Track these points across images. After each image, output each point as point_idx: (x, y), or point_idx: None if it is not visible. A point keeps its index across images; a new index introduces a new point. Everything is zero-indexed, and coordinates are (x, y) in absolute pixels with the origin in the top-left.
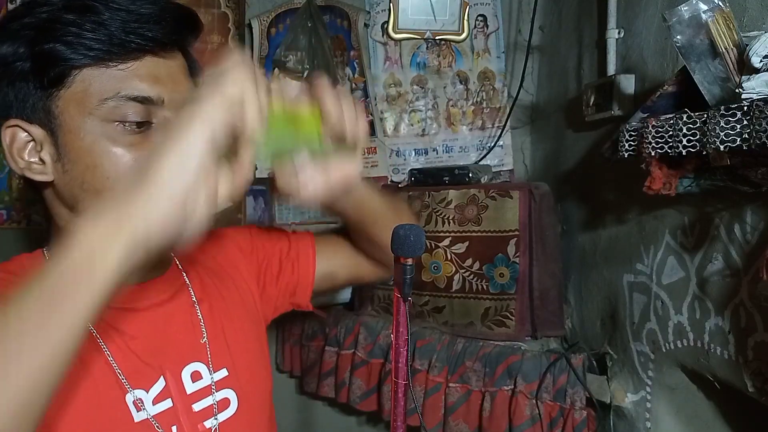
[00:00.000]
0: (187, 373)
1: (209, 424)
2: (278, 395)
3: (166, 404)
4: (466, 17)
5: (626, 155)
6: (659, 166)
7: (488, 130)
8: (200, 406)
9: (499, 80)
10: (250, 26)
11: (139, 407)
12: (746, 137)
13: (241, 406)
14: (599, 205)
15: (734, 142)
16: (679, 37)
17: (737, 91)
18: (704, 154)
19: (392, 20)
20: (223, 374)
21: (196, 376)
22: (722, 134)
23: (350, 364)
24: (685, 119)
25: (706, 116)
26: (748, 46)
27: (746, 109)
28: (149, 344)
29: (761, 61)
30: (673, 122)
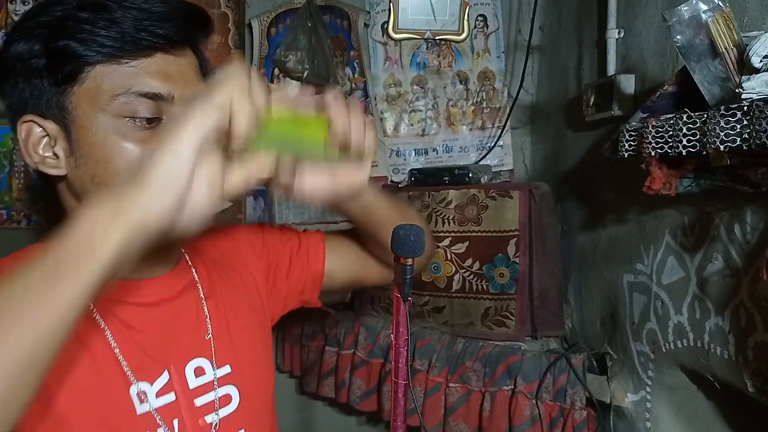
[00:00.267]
0: (190, 368)
1: (210, 419)
2: (278, 395)
3: (169, 398)
4: (466, 17)
5: (626, 155)
6: (659, 166)
7: (488, 130)
8: (202, 401)
9: (499, 80)
10: (250, 26)
11: (142, 399)
12: (746, 137)
13: (242, 402)
14: (599, 205)
15: (734, 142)
16: (679, 37)
17: (737, 91)
18: (704, 154)
19: (392, 20)
20: (226, 370)
21: (199, 371)
22: (722, 134)
23: (350, 364)
24: (685, 119)
25: (706, 116)
26: (748, 46)
27: (746, 109)
28: (155, 339)
29: (761, 61)
30: (673, 122)
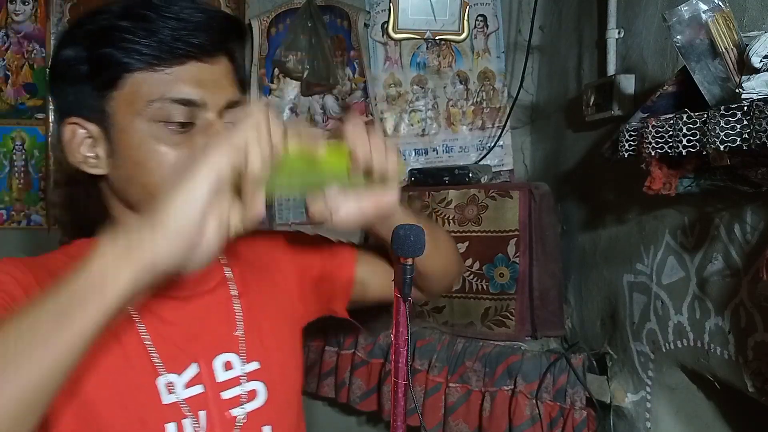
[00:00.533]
0: (219, 361)
1: (236, 412)
2: None
3: (197, 389)
4: (466, 17)
5: (626, 155)
6: (659, 166)
7: (488, 130)
8: (229, 394)
9: (499, 80)
10: (250, 26)
11: (170, 390)
12: (746, 137)
13: (269, 398)
14: (599, 205)
15: (734, 142)
16: (679, 37)
17: (737, 91)
18: (704, 154)
19: (392, 20)
20: (254, 366)
21: (227, 365)
22: (722, 134)
23: (350, 364)
24: (685, 119)
25: (706, 116)
26: (748, 46)
27: (746, 109)
28: (185, 331)
29: (761, 61)
30: (673, 122)
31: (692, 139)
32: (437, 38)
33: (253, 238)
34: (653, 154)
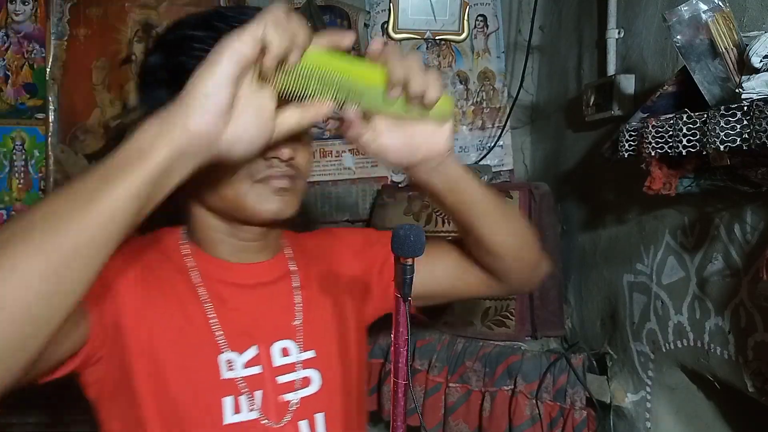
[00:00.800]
0: (277, 347)
1: (289, 397)
2: None
3: (256, 370)
4: (466, 17)
5: (626, 155)
6: (659, 166)
7: (488, 130)
8: (284, 379)
9: (499, 80)
10: None
11: (230, 367)
12: (746, 137)
13: (324, 387)
14: (599, 205)
15: (734, 142)
16: (679, 37)
17: (737, 91)
18: (704, 154)
19: (392, 20)
20: (310, 355)
21: (284, 352)
22: (722, 134)
23: None
24: (685, 119)
25: (706, 116)
26: (748, 46)
27: (746, 109)
28: (248, 317)
29: (761, 61)
30: (673, 122)
31: (692, 139)
32: (437, 38)
33: (318, 233)
34: (653, 154)
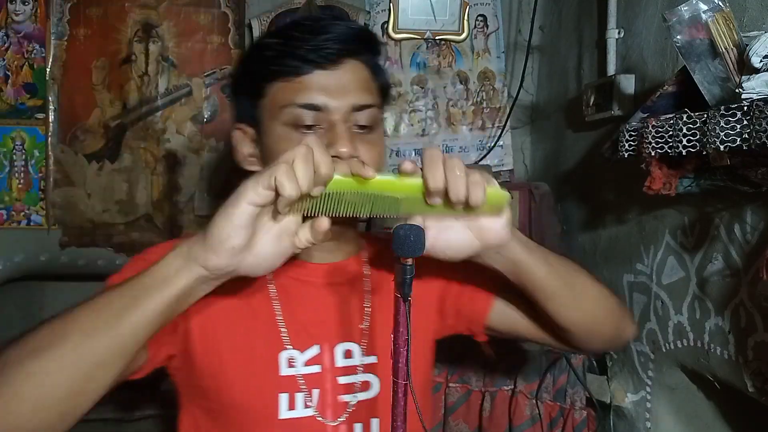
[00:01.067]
0: (340, 348)
1: (347, 398)
2: None
3: (315, 368)
4: (466, 17)
5: (626, 155)
6: (659, 166)
7: (488, 130)
8: (344, 380)
9: (499, 80)
10: (250, 26)
11: (291, 364)
12: (746, 137)
13: (382, 393)
14: (599, 205)
15: (734, 142)
16: (679, 37)
17: (737, 91)
18: (704, 154)
19: (392, 20)
20: (372, 360)
21: (347, 354)
22: (722, 134)
23: None
24: (685, 119)
25: (706, 116)
26: (748, 46)
27: (746, 109)
28: (315, 316)
29: (761, 61)
30: (673, 122)
31: (692, 139)
32: (437, 38)
33: None
34: (653, 154)
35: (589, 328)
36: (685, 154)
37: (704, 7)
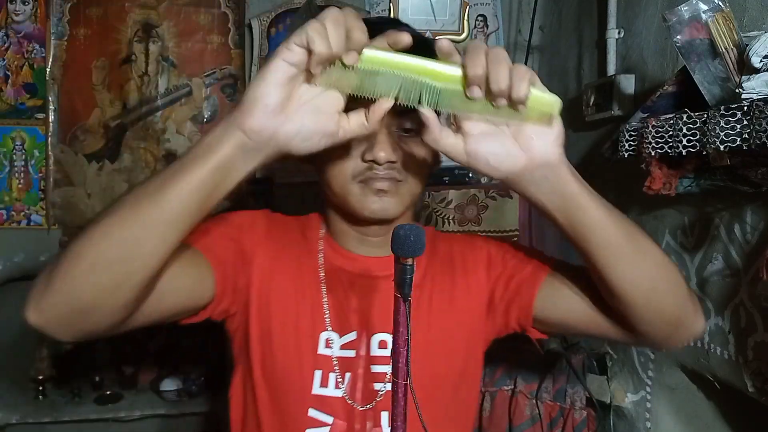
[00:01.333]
0: (376, 339)
1: (378, 387)
2: None
3: (350, 353)
4: (466, 17)
5: (626, 155)
6: (659, 166)
7: None
8: (378, 369)
9: None
10: (250, 26)
11: (328, 344)
12: (746, 137)
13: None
14: None
15: (734, 142)
16: (679, 37)
17: (737, 91)
18: (704, 154)
19: None
20: None
21: (382, 344)
22: (722, 134)
23: None
24: (685, 119)
25: (706, 116)
26: (748, 46)
27: (746, 109)
28: (358, 304)
29: (761, 61)
30: (673, 122)
31: (692, 139)
32: (437, 38)
33: (455, 238)
34: (653, 154)
35: (650, 300)
36: (685, 154)
37: (704, 7)
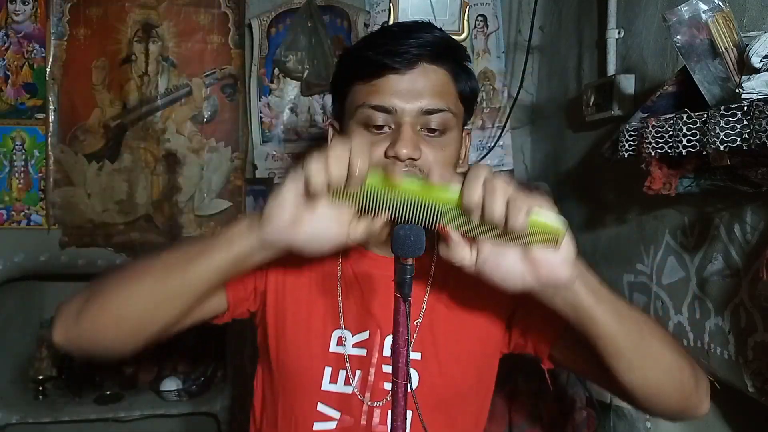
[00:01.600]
0: (389, 339)
1: (387, 386)
2: None
3: (361, 351)
4: (466, 17)
5: (626, 155)
6: (659, 166)
7: (488, 130)
8: (388, 369)
9: (499, 80)
10: (250, 26)
11: (340, 342)
12: (746, 137)
13: (419, 388)
14: (599, 205)
15: (734, 142)
16: (679, 37)
17: (737, 91)
18: (704, 154)
19: (392, 20)
20: (416, 356)
21: None
22: (722, 134)
23: None
24: (685, 119)
25: (706, 116)
26: (748, 46)
27: (746, 109)
28: (372, 305)
29: (761, 61)
30: (673, 122)
31: (692, 139)
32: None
33: None
34: (653, 154)
35: (651, 396)
36: (685, 154)
37: (704, 7)
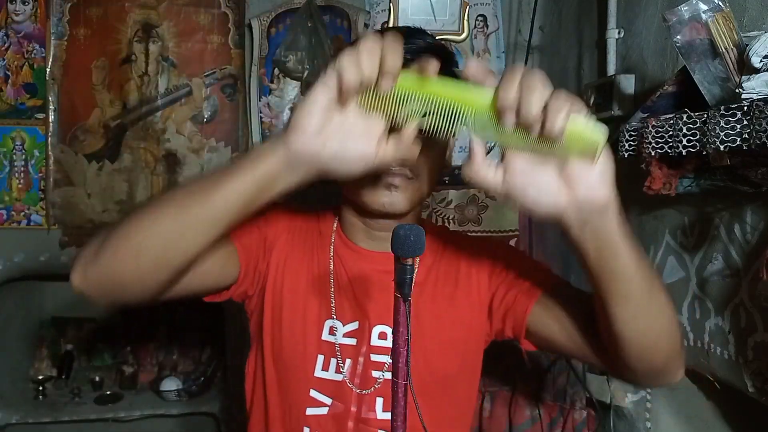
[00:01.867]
0: (377, 330)
1: (377, 374)
2: None
3: (351, 341)
4: (466, 17)
5: (626, 155)
6: (659, 166)
7: None
8: (377, 358)
9: None
10: (250, 26)
11: (332, 332)
12: (746, 137)
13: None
14: None
15: (734, 142)
16: (679, 37)
17: (737, 91)
18: (704, 154)
19: (392, 20)
20: None
21: (382, 335)
22: (722, 134)
23: None
24: (685, 119)
25: (706, 116)
26: (748, 46)
27: (746, 109)
28: (363, 296)
29: (761, 61)
30: (673, 122)
31: (692, 139)
32: (437, 38)
33: (466, 239)
34: (653, 154)
35: (648, 346)
36: (685, 154)
37: (704, 7)
